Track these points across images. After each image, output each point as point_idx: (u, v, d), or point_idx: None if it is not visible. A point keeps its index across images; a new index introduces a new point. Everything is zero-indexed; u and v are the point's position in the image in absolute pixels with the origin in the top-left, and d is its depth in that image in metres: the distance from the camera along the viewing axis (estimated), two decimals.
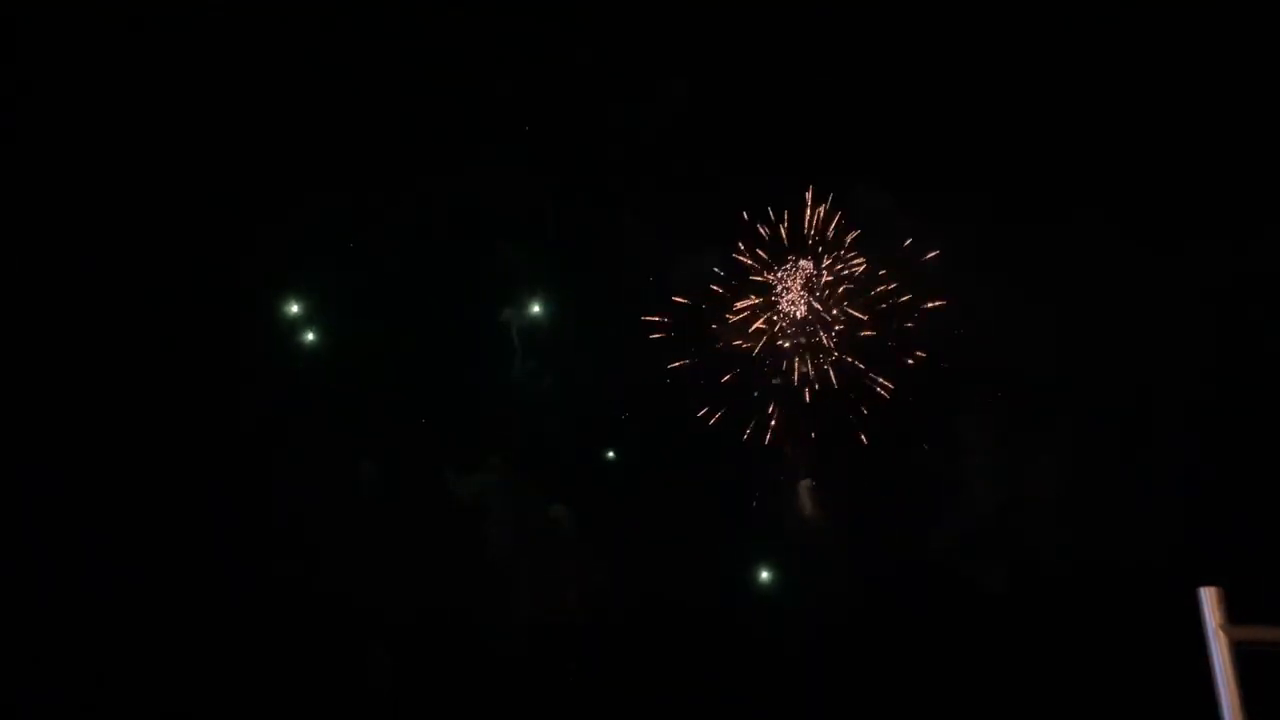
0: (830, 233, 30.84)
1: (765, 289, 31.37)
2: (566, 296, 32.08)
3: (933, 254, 29.43)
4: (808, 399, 30.78)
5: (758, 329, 31.26)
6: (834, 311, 31.16)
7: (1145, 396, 27.23)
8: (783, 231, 31.11)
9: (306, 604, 29.18)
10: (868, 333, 30.59)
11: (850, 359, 30.82)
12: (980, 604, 28.69)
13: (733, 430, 31.35)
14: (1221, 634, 6.23)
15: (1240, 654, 6.33)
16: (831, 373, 30.69)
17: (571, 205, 31.46)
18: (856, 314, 30.83)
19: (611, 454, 31.90)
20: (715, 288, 30.80)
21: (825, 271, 31.16)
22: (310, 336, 31.10)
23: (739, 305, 31.35)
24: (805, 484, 31.41)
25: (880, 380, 30.44)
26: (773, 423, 30.76)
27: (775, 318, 31.34)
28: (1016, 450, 29.17)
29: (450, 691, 29.67)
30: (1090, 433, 28.24)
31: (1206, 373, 25.99)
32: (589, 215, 31.48)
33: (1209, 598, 6.35)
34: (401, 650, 30.01)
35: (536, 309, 32.02)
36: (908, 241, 30.48)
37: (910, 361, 30.02)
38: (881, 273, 30.34)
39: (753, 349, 31.22)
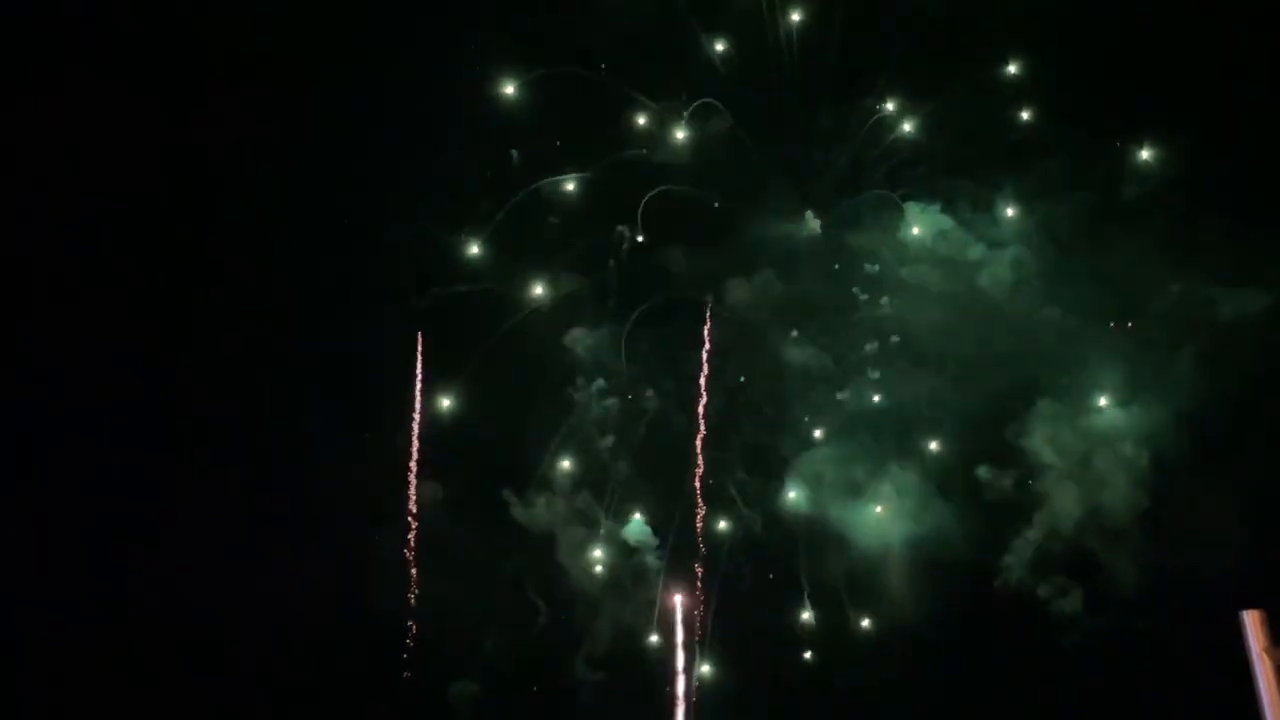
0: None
1: None
2: None
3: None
4: None
5: None
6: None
7: (1196, 425, 26.75)
8: None
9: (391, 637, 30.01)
10: None
11: None
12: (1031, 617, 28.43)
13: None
14: (1266, 657, 6.30)
15: None
16: None
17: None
18: None
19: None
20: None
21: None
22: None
23: None
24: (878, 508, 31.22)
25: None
26: None
27: None
28: (1081, 470, 28.86)
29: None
30: (1146, 458, 27.84)
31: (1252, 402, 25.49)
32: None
33: (1252, 621, 6.42)
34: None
35: None
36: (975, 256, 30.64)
37: None
38: None
39: None
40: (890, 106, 31.84)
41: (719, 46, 31.97)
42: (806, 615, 30.83)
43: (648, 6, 31.44)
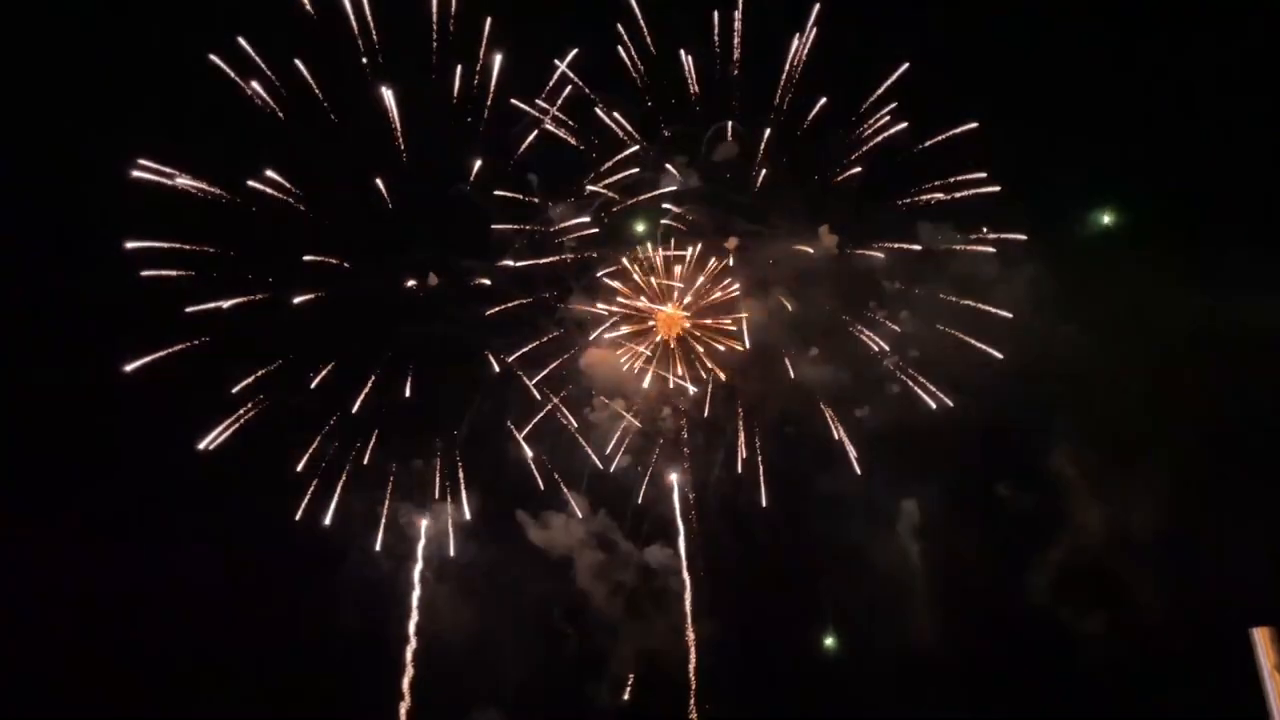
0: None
1: None
2: None
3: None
4: None
5: None
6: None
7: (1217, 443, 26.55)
8: None
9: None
10: None
11: None
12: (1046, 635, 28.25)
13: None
14: (1277, 674, 6.12)
15: None
16: None
17: None
18: None
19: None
20: None
21: None
22: None
23: None
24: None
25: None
26: None
27: None
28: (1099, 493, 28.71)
29: None
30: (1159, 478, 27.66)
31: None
32: None
33: (1262, 638, 6.23)
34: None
35: None
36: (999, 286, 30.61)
37: None
38: None
39: None
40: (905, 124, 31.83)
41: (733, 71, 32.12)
42: (829, 636, 30.64)
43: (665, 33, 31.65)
